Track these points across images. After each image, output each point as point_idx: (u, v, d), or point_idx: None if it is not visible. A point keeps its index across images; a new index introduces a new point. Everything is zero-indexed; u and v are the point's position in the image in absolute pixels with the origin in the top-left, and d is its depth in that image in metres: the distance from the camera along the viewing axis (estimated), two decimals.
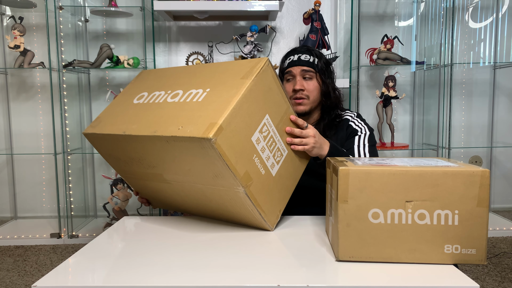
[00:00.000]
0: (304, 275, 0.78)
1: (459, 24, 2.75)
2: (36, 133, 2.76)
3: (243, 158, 0.94)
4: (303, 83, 1.37)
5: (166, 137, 0.93)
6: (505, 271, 1.96)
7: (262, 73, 0.99)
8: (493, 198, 2.93)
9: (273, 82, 1.03)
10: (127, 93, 1.22)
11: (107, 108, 1.20)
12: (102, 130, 1.10)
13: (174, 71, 1.21)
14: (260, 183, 0.99)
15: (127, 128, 1.03)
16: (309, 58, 1.38)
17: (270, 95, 1.02)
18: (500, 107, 2.86)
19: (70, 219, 2.48)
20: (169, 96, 1.06)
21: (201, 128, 0.88)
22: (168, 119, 0.97)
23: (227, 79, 1.01)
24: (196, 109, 0.95)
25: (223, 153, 0.88)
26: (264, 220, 1.02)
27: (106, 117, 1.16)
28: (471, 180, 0.80)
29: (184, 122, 0.92)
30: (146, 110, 1.06)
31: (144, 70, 1.32)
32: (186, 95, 1.03)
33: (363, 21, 2.72)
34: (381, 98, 2.50)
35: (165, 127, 0.94)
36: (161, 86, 1.14)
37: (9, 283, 1.89)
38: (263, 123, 1.00)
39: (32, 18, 2.67)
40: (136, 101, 1.14)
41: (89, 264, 0.85)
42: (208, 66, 1.14)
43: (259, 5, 2.28)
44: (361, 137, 1.35)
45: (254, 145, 0.97)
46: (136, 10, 2.48)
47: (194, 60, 2.53)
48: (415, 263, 0.83)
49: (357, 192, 0.82)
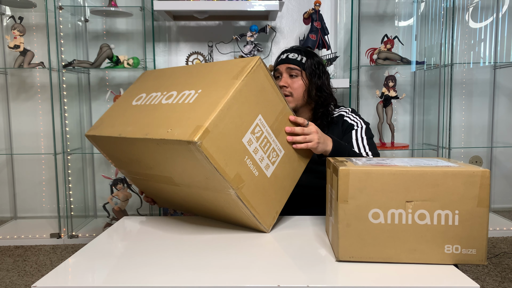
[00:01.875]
0: (304, 275, 0.78)
1: (459, 24, 2.75)
2: (36, 133, 2.76)
3: (233, 160, 0.93)
4: (288, 80, 1.38)
5: (156, 140, 0.92)
6: (505, 271, 1.96)
7: (253, 72, 0.96)
8: (493, 198, 2.93)
9: (266, 81, 1.01)
10: (128, 94, 1.23)
11: (109, 109, 1.21)
12: (102, 132, 1.10)
13: (173, 71, 1.21)
14: (253, 184, 0.98)
15: (123, 131, 1.03)
16: (297, 56, 1.40)
17: (263, 95, 1.00)
18: (500, 107, 2.86)
19: (70, 219, 2.48)
20: (164, 97, 1.06)
21: (187, 130, 0.87)
22: (159, 121, 0.97)
23: (219, 78, 1.00)
24: (186, 111, 0.95)
25: (210, 156, 0.87)
26: (258, 222, 1.01)
27: (107, 118, 1.17)
28: (471, 180, 0.80)
29: (173, 125, 0.92)
30: (142, 111, 1.07)
31: (147, 71, 1.33)
32: (179, 96, 1.03)
33: (363, 21, 2.72)
34: (381, 98, 2.50)
35: (156, 130, 0.94)
36: (159, 87, 1.14)
37: (9, 283, 1.89)
38: (256, 124, 0.98)
39: (32, 18, 2.67)
40: (135, 102, 1.14)
41: (89, 264, 0.85)
42: (205, 65, 1.13)
43: (259, 5, 2.28)
44: (357, 131, 1.35)
45: (246, 147, 0.96)
46: (136, 10, 2.48)
47: (194, 60, 2.53)
48: (415, 263, 0.82)
49: (357, 192, 0.82)
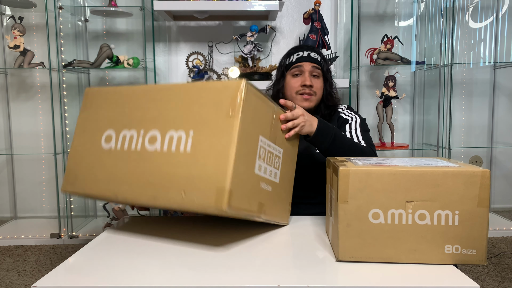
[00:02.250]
0: (304, 275, 0.78)
1: (459, 24, 2.75)
2: (36, 133, 2.76)
3: (254, 194, 0.91)
4: (312, 80, 1.37)
5: (170, 205, 0.88)
6: (505, 271, 1.96)
7: (245, 102, 0.86)
8: (493, 198, 2.93)
9: (257, 101, 0.92)
10: (87, 128, 1.07)
11: (73, 154, 1.07)
12: (85, 189, 1.01)
13: (131, 95, 1.03)
14: (271, 200, 0.99)
15: (118, 190, 0.95)
16: (317, 57, 1.40)
17: (257, 114, 0.92)
18: (500, 107, 2.86)
19: (70, 219, 2.48)
20: (145, 140, 0.95)
21: (208, 195, 0.82)
22: (162, 178, 0.90)
23: (207, 115, 0.89)
24: (190, 165, 0.87)
25: (237, 209, 0.84)
26: (278, 223, 1.07)
27: (80, 168, 1.04)
28: (471, 180, 0.80)
29: (185, 185, 0.86)
30: (127, 161, 0.96)
31: (89, 89, 1.12)
32: (167, 139, 0.92)
33: (363, 21, 2.72)
34: (381, 98, 2.50)
35: (165, 193, 0.88)
36: (127, 121, 1.00)
37: (9, 283, 1.89)
38: (259, 147, 0.93)
39: (32, 18, 2.67)
40: (106, 144, 1.01)
41: (89, 264, 0.85)
42: (172, 90, 0.97)
43: (259, 5, 2.28)
44: (351, 124, 1.36)
45: (259, 174, 0.93)
46: (136, 10, 2.48)
47: (194, 60, 2.53)
48: (415, 264, 0.82)
49: (357, 192, 0.82)
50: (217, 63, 2.67)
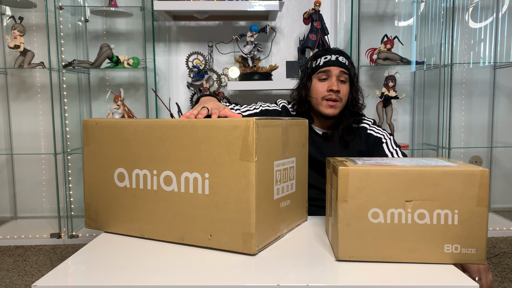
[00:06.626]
0: (304, 275, 0.78)
1: (459, 24, 2.76)
2: (36, 133, 2.76)
3: (276, 219, 0.95)
4: (339, 85, 1.34)
5: (198, 244, 0.92)
6: (505, 271, 1.96)
7: (257, 140, 0.84)
8: (493, 198, 2.93)
9: (266, 131, 0.89)
10: (95, 164, 1.05)
11: (88, 189, 1.06)
12: (109, 227, 1.03)
13: (133, 130, 0.99)
14: (290, 210, 1.01)
15: (144, 230, 0.98)
16: (345, 61, 1.36)
17: (269, 144, 0.90)
18: (500, 107, 2.87)
19: (70, 219, 2.49)
20: (160, 180, 0.94)
21: (235, 238, 0.87)
22: (185, 220, 0.92)
23: (220, 156, 0.87)
24: (211, 207, 0.89)
25: (265, 243, 0.91)
26: (298, 224, 1.10)
27: (99, 205, 1.05)
28: (470, 179, 0.80)
29: (210, 228, 0.89)
30: (146, 200, 0.97)
31: (86, 121, 1.06)
32: (183, 181, 0.92)
33: (363, 21, 2.72)
34: (381, 98, 2.50)
35: (191, 234, 0.92)
36: (137, 160, 0.98)
37: (9, 283, 1.89)
38: (275, 173, 0.93)
39: (32, 18, 2.67)
40: (120, 183, 1.00)
41: (89, 264, 0.85)
42: (177, 128, 0.93)
43: (259, 5, 2.28)
44: (387, 143, 1.37)
45: (278, 198, 0.95)
46: (136, 10, 2.48)
47: (194, 60, 2.53)
48: (414, 263, 0.83)
49: (357, 191, 0.82)
50: (217, 63, 2.67)
